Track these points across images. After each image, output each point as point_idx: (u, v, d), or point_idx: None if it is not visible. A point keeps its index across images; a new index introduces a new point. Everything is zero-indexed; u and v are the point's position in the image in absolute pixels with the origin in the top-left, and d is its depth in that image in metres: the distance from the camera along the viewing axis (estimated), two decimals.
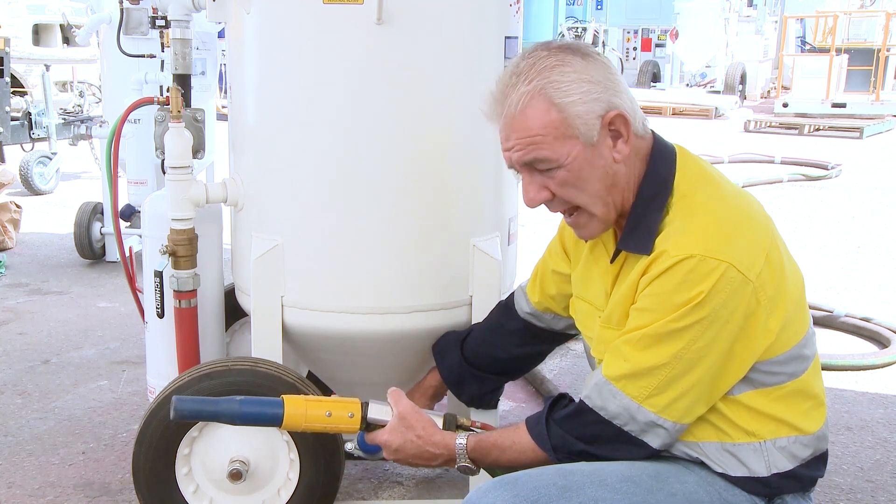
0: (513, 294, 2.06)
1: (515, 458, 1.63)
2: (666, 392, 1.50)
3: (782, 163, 9.36)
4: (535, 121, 1.51)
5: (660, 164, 1.58)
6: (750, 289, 1.47)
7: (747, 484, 1.57)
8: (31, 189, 7.08)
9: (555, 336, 2.03)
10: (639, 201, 1.57)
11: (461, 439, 1.66)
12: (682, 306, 1.46)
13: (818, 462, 1.64)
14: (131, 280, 2.73)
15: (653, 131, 1.63)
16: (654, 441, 1.54)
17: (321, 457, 2.08)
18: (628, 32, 20.37)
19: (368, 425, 1.73)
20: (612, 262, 1.65)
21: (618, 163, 1.55)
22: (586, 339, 1.80)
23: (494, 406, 2.16)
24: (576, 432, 1.57)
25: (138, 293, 2.69)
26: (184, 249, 2.25)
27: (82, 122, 6.72)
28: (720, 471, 1.57)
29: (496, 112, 1.56)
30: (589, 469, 1.53)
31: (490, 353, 2.06)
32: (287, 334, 2.20)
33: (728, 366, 1.51)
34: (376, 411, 1.73)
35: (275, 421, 1.70)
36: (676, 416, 1.51)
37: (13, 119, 6.86)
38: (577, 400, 1.62)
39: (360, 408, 1.72)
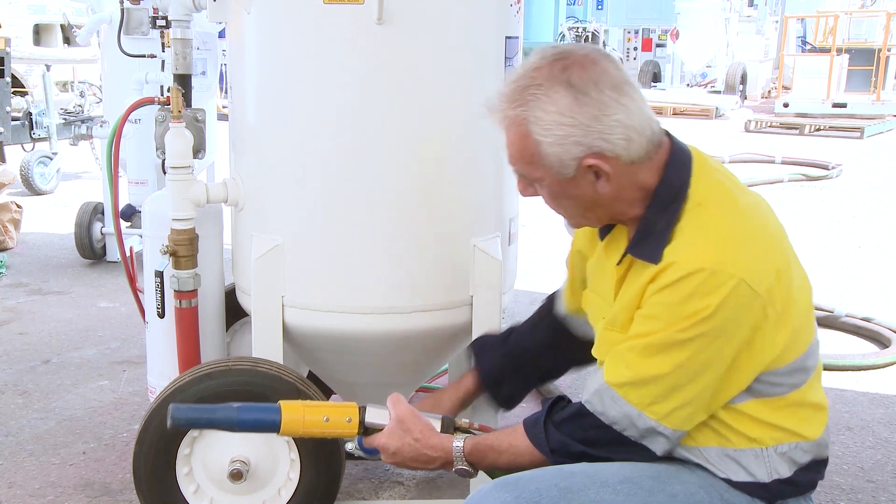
0: (554, 294, 2.00)
1: (512, 461, 1.63)
2: (667, 401, 1.49)
3: (783, 163, 9.36)
4: (514, 144, 1.54)
5: (675, 171, 1.56)
6: (759, 303, 1.46)
7: (748, 488, 1.56)
8: (31, 189, 7.08)
9: (587, 345, 1.91)
10: (652, 207, 1.55)
11: (458, 442, 1.66)
12: (689, 318, 1.45)
13: (818, 466, 1.63)
14: (132, 280, 2.73)
15: (669, 136, 1.60)
16: (654, 446, 1.53)
17: (322, 457, 2.08)
18: (629, 32, 20.33)
19: (366, 429, 1.72)
20: (618, 263, 1.64)
21: (600, 193, 1.55)
22: (596, 332, 1.79)
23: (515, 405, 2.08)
24: (575, 435, 1.57)
25: (139, 293, 2.69)
26: (184, 249, 2.25)
27: (83, 122, 6.71)
28: (722, 476, 1.56)
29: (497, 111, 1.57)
30: (590, 470, 1.53)
31: (535, 348, 1.97)
32: (287, 334, 2.20)
33: (732, 377, 1.50)
34: (374, 415, 1.72)
35: (272, 427, 1.69)
36: (677, 423, 1.51)
37: (14, 119, 6.85)
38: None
39: (358, 412, 1.71)
